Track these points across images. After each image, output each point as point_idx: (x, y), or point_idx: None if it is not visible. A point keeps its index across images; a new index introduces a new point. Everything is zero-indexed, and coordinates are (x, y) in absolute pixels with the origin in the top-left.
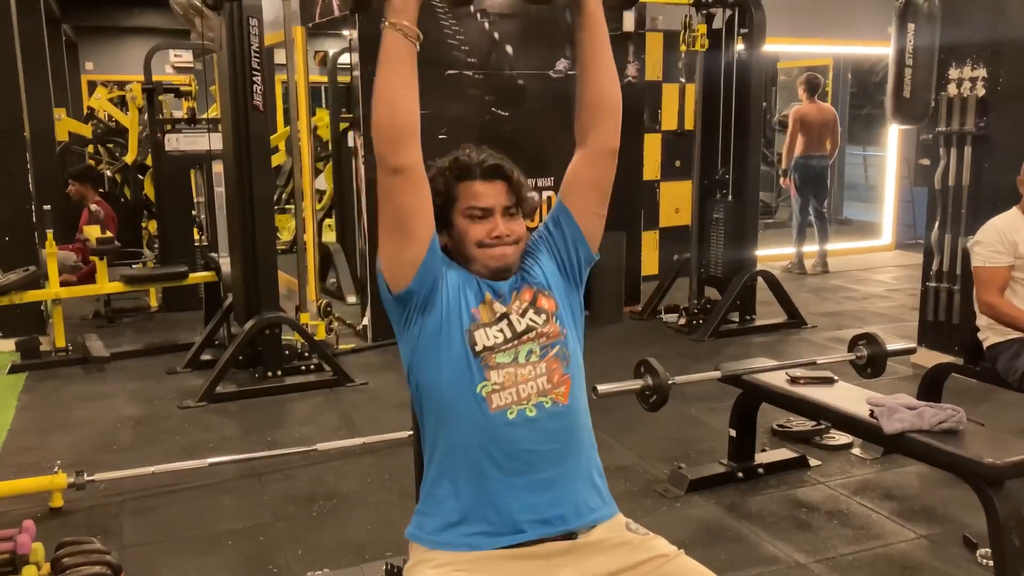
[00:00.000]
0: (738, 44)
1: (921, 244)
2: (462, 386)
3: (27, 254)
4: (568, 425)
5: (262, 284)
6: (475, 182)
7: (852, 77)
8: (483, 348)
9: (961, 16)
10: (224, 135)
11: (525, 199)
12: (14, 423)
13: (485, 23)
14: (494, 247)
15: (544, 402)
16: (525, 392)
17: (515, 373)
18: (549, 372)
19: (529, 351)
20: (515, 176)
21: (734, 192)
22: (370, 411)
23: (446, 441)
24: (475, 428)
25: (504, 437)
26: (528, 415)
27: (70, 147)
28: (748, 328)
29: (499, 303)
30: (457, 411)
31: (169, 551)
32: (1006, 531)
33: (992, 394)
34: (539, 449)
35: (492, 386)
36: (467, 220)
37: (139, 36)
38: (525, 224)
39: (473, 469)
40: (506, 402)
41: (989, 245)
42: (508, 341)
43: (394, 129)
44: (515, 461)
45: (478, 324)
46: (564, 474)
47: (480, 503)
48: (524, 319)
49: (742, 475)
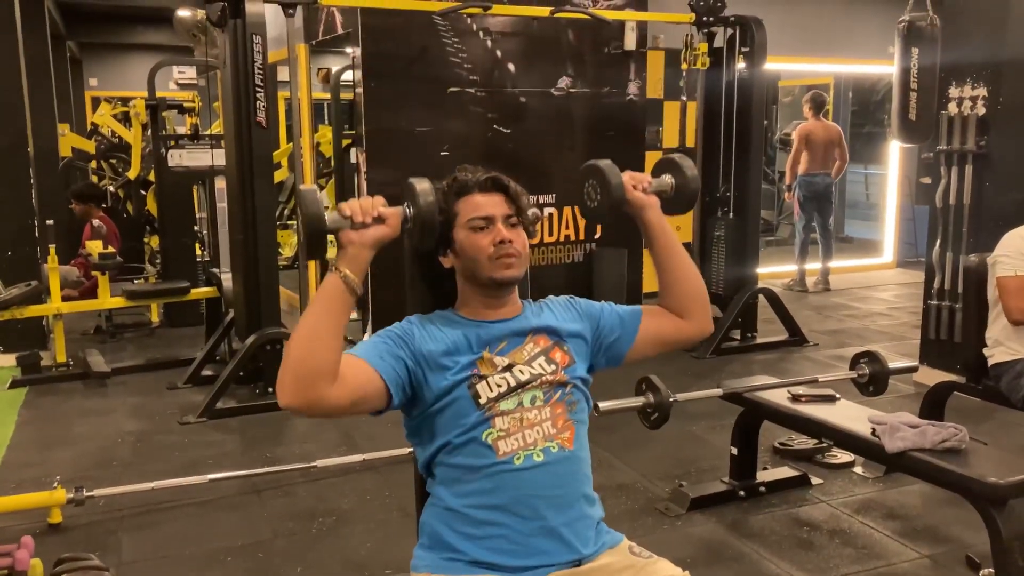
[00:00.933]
0: (739, 63)
1: (922, 262)
2: (468, 438)
3: (29, 269)
4: (573, 471)
5: (264, 300)
6: (474, 195)
7: (853, 95)
8: (487, 400)
9: (961, 35)
10: (227, 151)
11: (525, 209)
12: (14, 438)
13: (488, 41)
14: (503, 256)
15: (551, 447)
16: (531, 437)
17: (521, 418)
18: (553, 417)
19: (533, 396)
20: (512, 187)
21: (735, 210)
22: (370, 428)
23: (452, 490)
24: (483, 476)
25: (512, 484)
26: (536, 460)
27: (73, 163)
28: (749, 346)
29: (498, 356)
30: (464, 462)
31: (168, 568)
32: (1009, 551)
33: (995, 413)
34: (547, 494)
35: (498, 432)
36: (470, 232)
37: (143, 53)
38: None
39: (482, 518)
40: (513, 448)
41: (1015, 255)
42: (512, 390)
43: (305, 368)
44: (525, 507)
45: (480, 377)
46: (573, 520)
47: (489, 551)
48: (531, 367)
49: (744, 493)
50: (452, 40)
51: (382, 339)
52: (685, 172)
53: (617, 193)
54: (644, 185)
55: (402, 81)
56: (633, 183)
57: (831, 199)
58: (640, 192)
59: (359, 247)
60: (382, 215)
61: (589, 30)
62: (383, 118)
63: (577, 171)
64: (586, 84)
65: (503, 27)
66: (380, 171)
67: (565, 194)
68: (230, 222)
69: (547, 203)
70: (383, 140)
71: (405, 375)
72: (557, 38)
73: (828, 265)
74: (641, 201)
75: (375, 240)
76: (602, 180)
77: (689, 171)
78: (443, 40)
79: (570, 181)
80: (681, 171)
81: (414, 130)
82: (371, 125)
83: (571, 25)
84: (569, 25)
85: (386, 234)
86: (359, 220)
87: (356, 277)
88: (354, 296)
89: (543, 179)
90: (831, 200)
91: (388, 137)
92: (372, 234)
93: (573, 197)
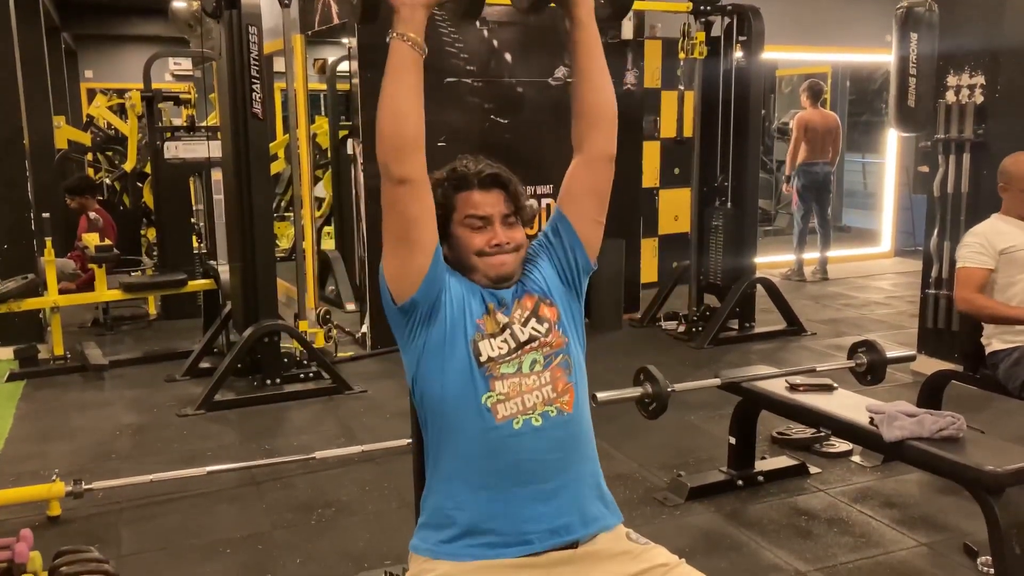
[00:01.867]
0: (737, 52)
1: (920, 251)
2: (467, 397)
3: (26, 262)
4: (573, 433)
5: (261, 292)
6: (473, 192)
7: (850, 84)
8: (487, 359)
9: (959, 23)
10: (223, 143)
11: (523, 207)
12: (12, 431)
13: (484, 31)
14: (494, 255)
15: (549, 411)
16: (530, 402)
17: (520, 383)
18: (553, 381)
19: (533, 361)
20: (512, 184)
21: (733, 199)
22: (369, 419)
23: (451, 452)
24: (480, 439)
25: (510, 447)
26: (534, 425)
27: (69, 155)
28: (747, 335)
29: (502, 313)
30: (462, 422)
31: (167, 560)
32: (1007, 539)
33: (992, 401)
34: (545, 458)
35: (497, 396)
36: (466, 229)
37: (138, 44)
38: (525, 231)
39: (479, 480)
40: (511, 412)
41: (974, 247)
42: (512, 352)
43: (399, 139)
44: (521, 471)
45: (483, 335)
46: (569, 483)
47: (486, 514)
48: (526, 328)
49: (742, 483)
50: (449, 30)
51: None
52: None
53: None
54: None
55: None
56: None
57: (830, 188)
58: None
59: (412, 7)
60: None
61: None
62: None
63: None
64: None
65: (500, 17)
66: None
67: None
68: (227, 214)
69: (544, 193)
70: None
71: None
72: (554, 28)
73: (826, 254)
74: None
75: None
76: None
77: None
78: (440, 30)
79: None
80: None
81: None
82: (368, 116)
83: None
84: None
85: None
86: None
87: (417, 36)
88: (421, 56)
89: (540, 169)
90: (830, 189)
91: None
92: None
93: None
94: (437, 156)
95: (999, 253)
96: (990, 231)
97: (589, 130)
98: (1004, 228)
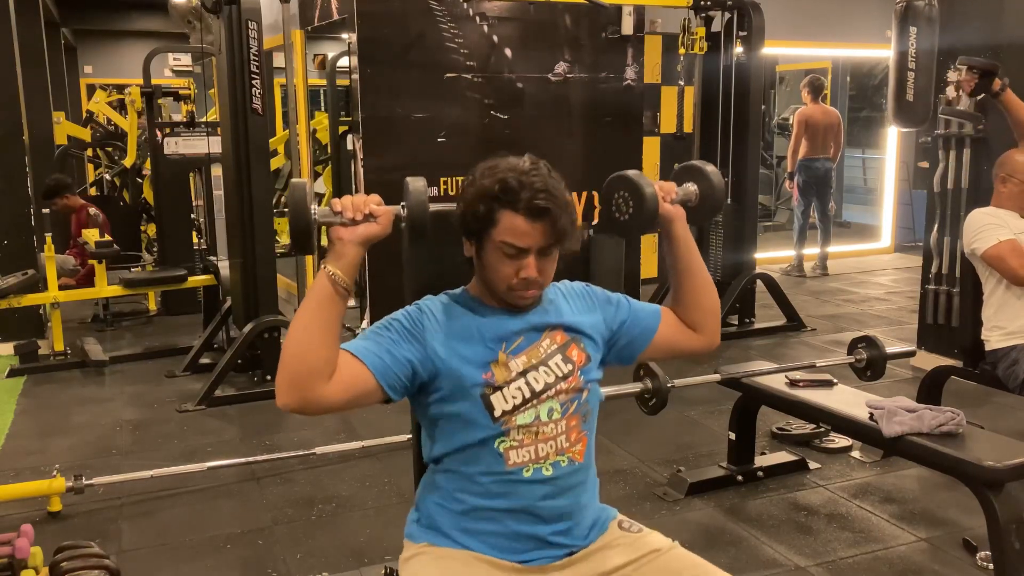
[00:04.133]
0: (737, 47)
1: (920, 247)
2: (480, 444)
3: (26, 257)
4: (581, 481)
5: (261, 287)
6: (518, 216)
7: (851, 80)
8: (502, 412)
9: (960, 18)
10: (223, 138)
11: (566, 241)
12: (12, 427)
13: (484, 26)
14: (521, 290)
15: (560, 461)
16: (543, 451)
17: (536, 431)
18: (568, 430)
19: (550, 409)
20: (561, 221)
21: (733, 195)
22: (368, 414)
23: (455, 483)
24: (489, 479)
25: (518, 493)
26: (544, 474)
27: (69, 150)
28: (747, 331)
29: (514, 360)
30: (472, 462)
31: (168, 555)
32: (1006, 534)
33: (992, 397)
34: (552, 505)
35: (511, 443)
36: (499, 253)
37: (138, 40)
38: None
39: (481, 514)
40: (523, 460)
41: (988, 227)
42: (527, 401)
43: (297, 368)
44: (527, 514)
45: (493, 387)
46: (574, 525)
47: (486, 543)
48: (548, 367)
49: (741, 478)
50: (449, 25)
51: (386, 331)
52: (710, 179)
53: (651, 206)
54: (671, 196)
55: (399, 67)
56: (661, 194)
57: (831, 184)
58: (668, 203)
59: (348, 244)
60: (374, 212)
61: (586, 15)
62: (380, 104)
63: (574, 157)
64: (583, 69)
65: (500, 12)
66: (377, 158)
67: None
68: (227, 209)
69: None
70: (380, 126)
71: (408, 373)
72: (554, 23)
73: (826, 250)
74: (669, 213)
75: (364, 238)
76: (635, 192)
77: (714, 177)
78: (440, 26)
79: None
80: (706, 177)
81: (411, 116)
82: (368, 111)
83: (568, 10)
84: (566, 10)
85: (376, 233)
86: (349, 216)
87: (345, 276)
88: (344, 296)
89: None
90: (830, 185)
91: (385, 123)
92: (362, 231)
93: (571, 183)
94: (437, 151)
95: None
96: (991, 214)
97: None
98: (1004, 216)
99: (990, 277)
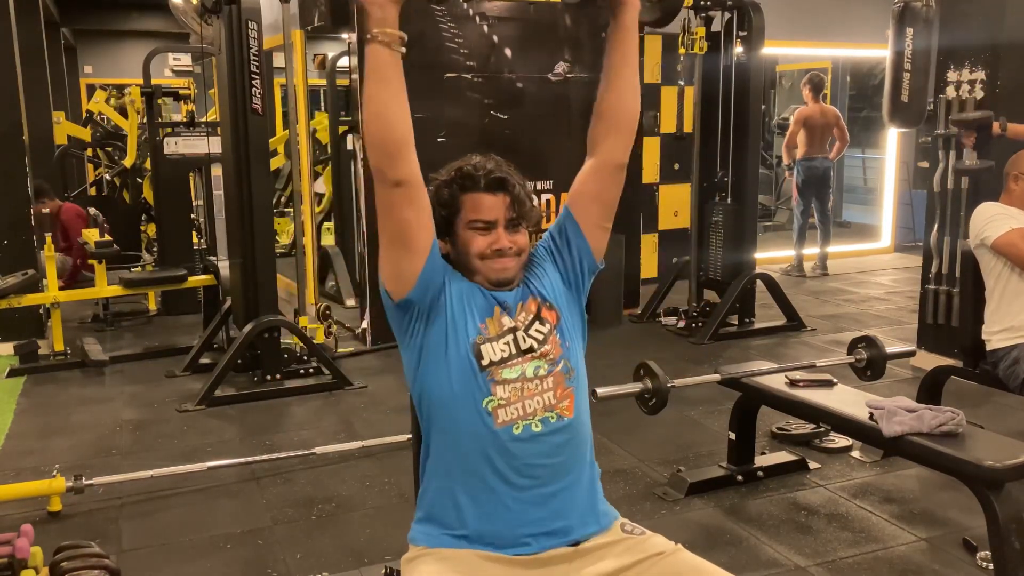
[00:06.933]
0: (737, 47)
1: (920, 247)
2: (467, 399)
3: (26, 257)
4: (572, 438)
5: (261, 287)
6: (479, 194)
7: (851, 80)
8: (489, 362)
9: (959, 18)
10: (223, 138)
11: (528, 212)
12: (12, 427)
13: (484, 26)
14: (495, 259)
15: (549, 417)
16: (531, 407)
17: (521, 388)
18: (555, 387)
19: (537, 366)
20: (518, 188)
21: (733, 195)
22: (369, 414)
23: (449, 453)
24: (480, 441)
25: (510, 452)
26: (534, 430)
27: (69, 150)
28: (747, 331)
29: (507, 316)
30: (461, 423)
31: (167, 555)
32: (1006, 534)
33: (991, 396)
34: (544, 463)
35: (498, 401)
36: (470, 231)
37: (138, 39)
38: (528, 234)
39: (477, 483)
40: (512, 417)
41: (998, 216)
42: (513, 356)
43: (389, 144)
44: (520, 475)
45: (485, 337)
46: (568, 486)
47: (484, 517)
48: (530, 332)
49: (741, 478)
50: (448, 25)
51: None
52: None
53: None
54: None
55: None
56: None
57: (830, 183)
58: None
59: (381, 5)
60: None
61: (586, 14)
62: None
63: (574, 157)
64: (583, 69)
65: (500, 12)
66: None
67: (562, 180)
68: (227, 209)
69: (544, 189)
70: None
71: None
72: (554, 23)
73: (826, 250)
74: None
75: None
76: None
77: None
78: (439, 25)
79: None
80: None
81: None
82: None
83: (568, 10)
84: (566, 10)
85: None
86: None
87: (393, 32)
88: (399, 51)
89: (540, 165)
90: (830, 184)
91: None
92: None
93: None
94: (437, 152)
95: None
96: (1000, 207)
97: (606, 134)
98: (1014, 211)
99: (991, 273)
